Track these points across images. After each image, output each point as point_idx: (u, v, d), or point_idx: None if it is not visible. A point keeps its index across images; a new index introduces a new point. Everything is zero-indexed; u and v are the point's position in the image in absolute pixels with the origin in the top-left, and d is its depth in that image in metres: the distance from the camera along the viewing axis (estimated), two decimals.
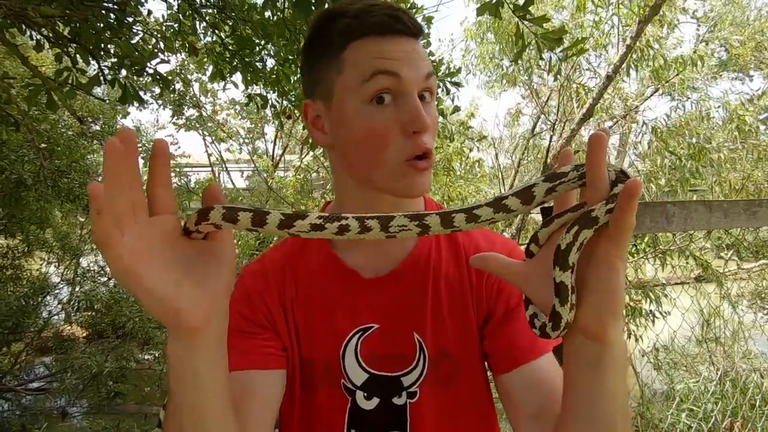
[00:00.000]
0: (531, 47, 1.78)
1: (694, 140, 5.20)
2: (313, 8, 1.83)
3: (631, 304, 3.81)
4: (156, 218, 0.42)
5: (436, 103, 0.66)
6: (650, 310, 3.99)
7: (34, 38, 2.25)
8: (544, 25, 1.65)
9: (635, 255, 4.11)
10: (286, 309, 0.68)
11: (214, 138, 9.72)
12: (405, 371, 0.65)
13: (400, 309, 0.66)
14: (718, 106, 6.24)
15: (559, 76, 4.93)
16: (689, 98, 6.48)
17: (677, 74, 5.11)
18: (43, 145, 4.27)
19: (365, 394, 0.65)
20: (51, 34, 2.19)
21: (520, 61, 6.09)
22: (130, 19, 2.39)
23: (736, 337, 3.46)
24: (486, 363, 0.68)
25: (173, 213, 0.43)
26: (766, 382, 2.86)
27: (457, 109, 3.13)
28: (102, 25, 2.19)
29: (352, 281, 0.67)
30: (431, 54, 2.67)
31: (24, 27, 2.16)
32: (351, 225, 0.42)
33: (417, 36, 0.62)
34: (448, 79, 2.75)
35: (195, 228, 0.44)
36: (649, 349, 3.45)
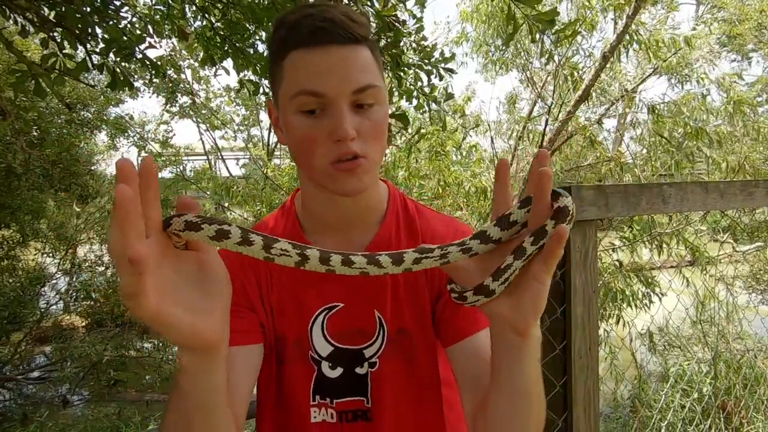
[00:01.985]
0: (522, 31, 1.75)
1: (691, 123, 5.17)
2: None
3: (625, 290, 3.82)
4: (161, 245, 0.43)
5: (386, 104, 0.68)
6: (647, 292, 4.02)
7: (19, 23, 2.19)
8: (537, 6, 1.61)
9: (629, 239, 4.12)
10: (261, 289, 0.73)
11: (208, 126, 9.64)
12: (366, 344, 0.72)
13: (363, 289, 0.72)
14: (717, 86, 6.21)
15: (552, 60, 4.88)
16: (688, 79, 6.44)
17: (674, 53, 5.06)
18: (34, 134, 4.22)
19: (330, 365, 0.72)
20: (36, 18, 2.14)
21: (517, 45, 6.03)
22: (118, 3, 2.34)
23: (730, 319, 3.49)
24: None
25: (160, 229, 0.44)
26: (759, 362, 2.90)
27: (450, 95, 3.10)
28: (88, 8, 2.14)
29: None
30: (424, 39, 2.62)
31: (8, 11, 2.11)
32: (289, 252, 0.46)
33: (354, 42, 0.62)
34: (442, 65, 2.71)
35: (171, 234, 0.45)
36: (644, 331, 3.49)
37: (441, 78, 2.88)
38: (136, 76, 5.46)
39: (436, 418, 0.75)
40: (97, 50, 2.24)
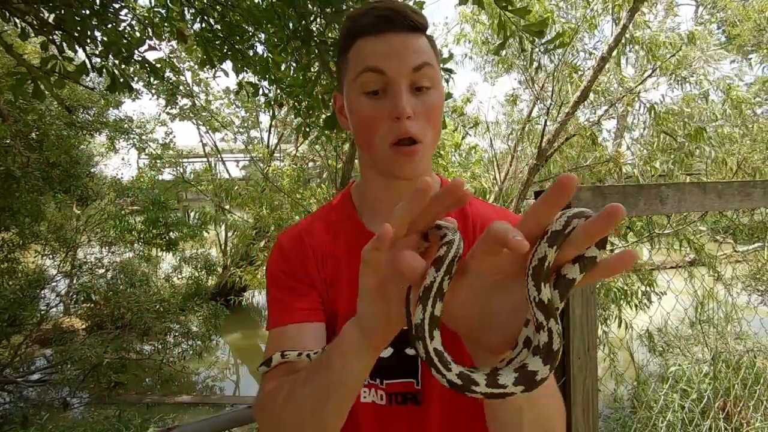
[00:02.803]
0: (514, 39, 1.76)
1: (692, 123, 5.18)
2: None
3: (625, 288, 3.82)
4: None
5: (442, 90, 0.72)
6: (646, 291, 4.01)
7: (19, 26, 2.20)
8: (527, 16, 1.62)
9: (629, 239, 4.12)
10: (319, 265, 0.76)
11: (208, 128, 9.64)
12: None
13: None
14: (717, 88, 6.21)
15: (540, 70, 4.89)
16: (687, 80, 6.44)
17: (673, 55, 5.07)
18: (33, 136, 4.22)
19: None
20: (35, 21, 2.14)
21: (515, 47, 6.03)
22: (117, 5, 2.34)
23: (729, 319, 3.49)
24: None
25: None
26: (759, 362, 2.90)
27: (449, 95, 3.11)
28: (87, 11, 2.14)
29: None
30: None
31: (7, 14, 2.12)
32: None
33: (413, 30, 0.68)
34: (440, 65, 2.71)
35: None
36: (643, 332, 3.48)
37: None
38: (135, 78, 5.47)
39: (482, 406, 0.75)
40: (97, 53, 2.25)
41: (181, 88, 7.75)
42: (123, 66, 2.43)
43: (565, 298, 0.38)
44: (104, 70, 2.27)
